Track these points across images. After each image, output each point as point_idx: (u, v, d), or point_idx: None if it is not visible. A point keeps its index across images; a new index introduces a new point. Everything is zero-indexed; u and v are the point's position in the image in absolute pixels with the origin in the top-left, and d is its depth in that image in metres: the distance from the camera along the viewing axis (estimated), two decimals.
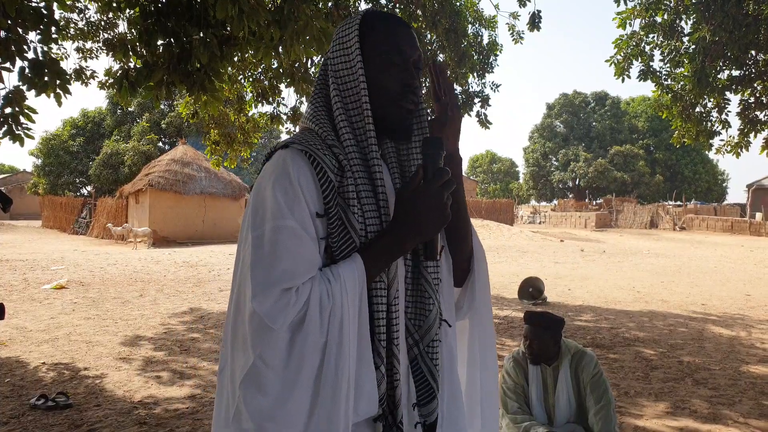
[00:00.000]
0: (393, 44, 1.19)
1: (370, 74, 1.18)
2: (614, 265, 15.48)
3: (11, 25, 4.17)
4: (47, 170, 35.74)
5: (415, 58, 1.21)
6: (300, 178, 1.07)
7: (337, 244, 1.08)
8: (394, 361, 1.11)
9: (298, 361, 0.99)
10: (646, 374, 5.21)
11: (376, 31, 1.20)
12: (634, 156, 49.98)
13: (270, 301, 1.00)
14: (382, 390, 1.08)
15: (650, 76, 8.20)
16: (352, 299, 1.05)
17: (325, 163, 1.09)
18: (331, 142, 1.14)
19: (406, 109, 1.19)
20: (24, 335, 6.52)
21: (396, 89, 1.18)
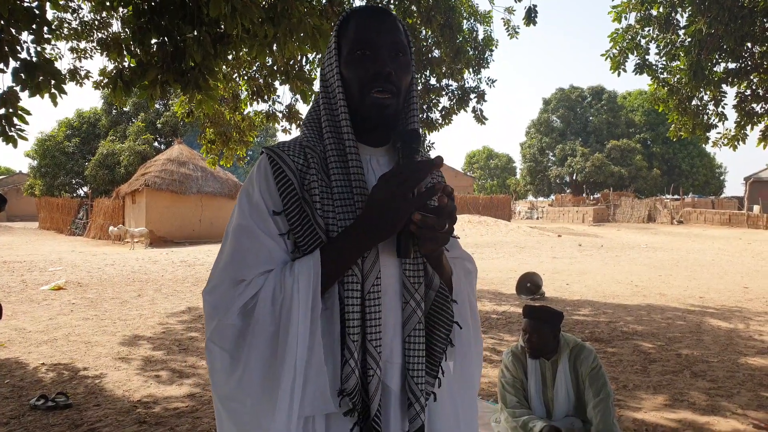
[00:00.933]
0: (360, 35, 1.16)
1: (343, 70, 1.18)
2: (612, 260, 15.51)
3: (3, 26, 4.15)
4: (43, 171, 35.63)
5: (388, 45, 1.16)
6: (260, 182, 1.14)
7: (302, 239, 1.11)
8: (368, 356, 1.09)
9: (248, 347, 1.05)
10: (645, 367, 5.22)
11: (349, 25, 1.19)
12: (631, 150, 50.05)
13: (218, 293, 1.09)
14: (351, 384, 1.07)
15: (646, 69, 8.20)
16: (304, 292, 1.05)
17: (287, 164, 1.14)
18: (306, 143, 1.17)
19: (376, 97, 1.14)
20: (23, 336, 6.51)
21: (363, 80, 1.15)
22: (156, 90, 4.74)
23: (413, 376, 1.14)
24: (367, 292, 1.11)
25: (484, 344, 6.15)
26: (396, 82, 1.15)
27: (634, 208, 39.11)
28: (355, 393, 1.08)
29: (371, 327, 1.10)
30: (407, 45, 1.20)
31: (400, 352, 1.16)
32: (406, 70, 1.18)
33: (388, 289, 1.15)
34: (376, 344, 1.10)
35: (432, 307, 1.19)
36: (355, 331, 1.08)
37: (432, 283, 1.19)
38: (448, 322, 1.20)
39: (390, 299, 1.15)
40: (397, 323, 1.16)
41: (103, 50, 6.98)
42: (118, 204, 25.73)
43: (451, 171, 53.21)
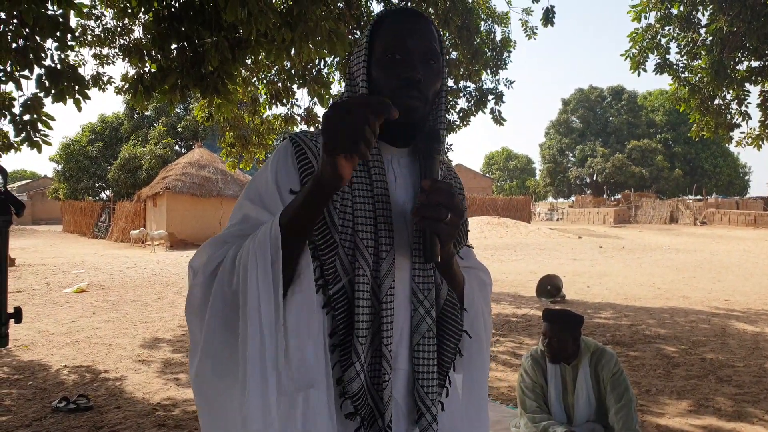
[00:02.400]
0: (393, 38, 1.13)
1: (374, 72, 1.15)
2: (633, 262, 15.30)
3: (29, 34, 4.23)
4: (67, 175, 36.30)
5: (421, 51, 1.13)
6: (279, 161, 1.14)
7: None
8: (383, 361, 1.06)
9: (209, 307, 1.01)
10: (668, 372, 5.13)
11: (383, 27, 1.17)
12: (652, 150, 49.40)
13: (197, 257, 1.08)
14: (354, 387, 1.03)
15: (667, 69, 8.07)
16: (260, 249, 0.96)
17: (309, 148, 1.13)
18: None
19: (404, 104, 1.10)
20: (46, 338, 6.62)
21: (394, 84, 1.12)
22: (176, 94, 4.80)
23: (423, 385, 1.10)
24: (384, 295, 1.08)
25: (503, 348, 6.10)
26: (425, 89, 1.13)
27: (656, 209, 38.54)
28: (359, 397, 1.04)
29: (386, 331, 1.07)
30: (440, 51, 1.18)
31: (407, 359, 1.12)
32: (437, 77, 1.16)
33: (399, 294, 1.12)
34: (390, 348, 1.08)
35: (441, 316, 1.16)
36: (363, 333, 1.05)
37: (440, 291, 1.16)
38: (458, 331, 1.17)
39: (399, 304, 1.12)
40: (404, 330, 1.13)
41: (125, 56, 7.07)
42: (140, 207, 26.08)
43: (470, 172, 53.00)
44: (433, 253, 1.03)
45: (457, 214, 1.01)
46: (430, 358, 1.11)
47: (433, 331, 1.12)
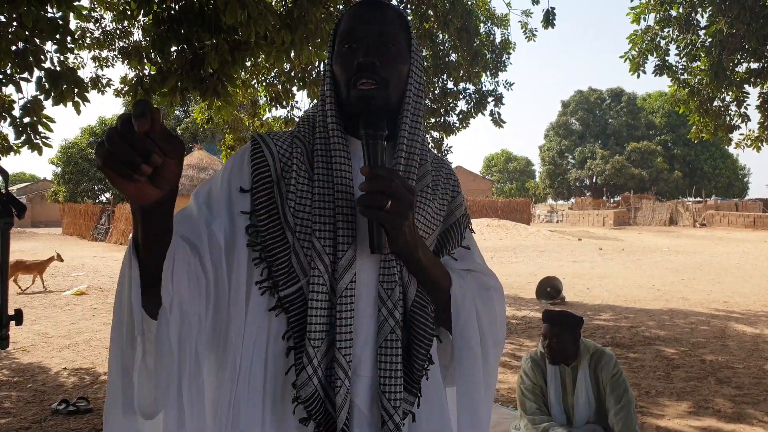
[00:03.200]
0: (347, 28, 1.11)
1: (334, 65, 1.12)
2: (633, 263, 15.30)
3: (28, 36, 4.24)
4: (66, 178, 36.31)
5: (375, 35, 1.09)
6: (236, 159, 1.12)
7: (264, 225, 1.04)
8: (336, 366, 1.01)
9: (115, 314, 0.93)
10: (668, 373, 5.13)
11: (341, 19, 1.15)
12: (651, 152, 49.46)
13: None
14: (307, 391, 0.99)
15: (666, 70, 8.08)
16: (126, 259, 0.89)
17: (269, 148, 1.11)
18: (297, 134, 1.15)
19: (358, 91, 1.06)
20: (45, 341, 6.62)
21: (349, 72, 1.08)
22: (176, 97, 4.80)
23: (386, 392, 1.03)
24: (340, 296, 1.01)
25: (504, 349, 6.09)
26: (383, 72, 1.07)
27: (656, 211, 38.56)
28: (313, 401, 1.00)
29: (341, 335, 1.01)
30: (399, 36, 1.11)
31: (371, 365, 1.05)
32: (398, 61, 1.10)
33: (363, 295, 1.05)
34: (345, 353, 1.01)
35: (410, 319, 1.08)
36: (317, 336, 1.00)
37: (407, 290, 1.09)
38: (428, 336, 1.09)
39: (364, 306, 1.05)
40: (369, 333, 1.06)
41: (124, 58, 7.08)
42: None
43: (469, 174, 53.03)
44: (379, 244, 0.98)
45: (398, 200, 0.94)
46: (394, 362, 1.04)
47: (396, 334, 1.05)
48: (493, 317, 1.18)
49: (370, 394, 1.05)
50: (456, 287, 1.13)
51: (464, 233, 1.25)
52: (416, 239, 1.05)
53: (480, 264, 1.26)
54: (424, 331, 1.08)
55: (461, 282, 1.15)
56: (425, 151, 1.19)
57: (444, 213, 1.20)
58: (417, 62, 1.15)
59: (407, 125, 1.11)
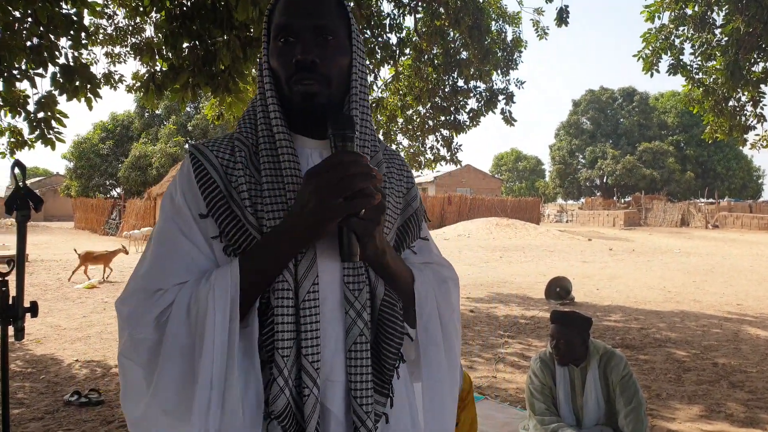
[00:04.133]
0: (281, 20, 1.05)
1: (270, 59, 1.07)
2: (644, 264, 15.19)
3: (43, 32, 4.27)
4: (79, 173, 36.62)
5: (312, 28, 1.03)
6: (182, 183, 1.05)
7: (235, 241, 1.01)
8: (303, 374, 0.97)
9: (161, 363, 0.94)
10: (679, 376, 5.09)
11: (275, 11, 1.08)
12: (663, 152, 49.06)
13: (132, 303, 0.99)
14: (279, 405, 0.95)
15: (680, 70, 8.00)
16: (220, 301, 0.93)
17: (210, 162, 1.04)
18: (238, 135, 1.08)
19: (300, 89, 1.02)
20: (58, 333, 6.68)
21: (288, 70, 1.03)
22: (187, 93, 4.82)
23: (357, 396, 1.00)
24: (302, 300, 0.98)
25: (512, 349, 6.08)
26: (323, 69, 1.03)
27: (667, 212, 38.25)
28: (286, 415, 0.95)
29: (307, 341, 0.98)
30: (337, 26, 1.06)
31: (342, 369, 1.02)
32: (338, 53, 1.05)
33: (328, 298, 1.02)
34: (313, 359, 0.98)
35: (379, 319, 1.06)
36: (285, 344, 0.96)
37: (376, 290, 1.06)
38: (398, 334, 1.06)
39: (330, 309, 1.02)
40: (338, 337, 1.02)
41: (137, 54, 7.13)
42: (150, 205, 26.23)
43: (479, 173, 52.88)
44: (350, 252, 0.95)
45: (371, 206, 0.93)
46: (364, 365, 1.01)
47: (365, 336, 1.02)
48: (452, 309, 1.17)
49: (344, 399, 1.02)
50: (419, 283, 1.11)
51: (422, 224, 1.24)
52: (384, 243, 1.03)
53: (437, 255, 1.25)
54: (393, 329, 1.06)
55: (422, 277, 1.13)
56: (376, 142, 1.15)
57: (401, 206, 1.19)
58: (359, 51, 1.10)
59: (357, 119, 1.07)
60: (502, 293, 10.11)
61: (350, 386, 1.01)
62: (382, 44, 8.31)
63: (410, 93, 9.57)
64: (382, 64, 8.62)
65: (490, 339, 6.54)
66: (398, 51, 8.77)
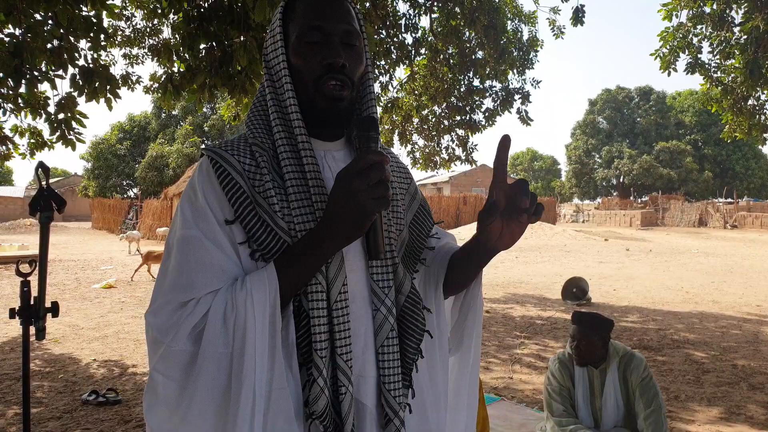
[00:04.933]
0: (310, 21, 1.05)
1: (291, 58, 1.07)
2: (661, 265, 15.02)
3: (63, 34, 4.33)
4: (96, 173, 37.09)
5: (341, 32, 1.05)
6: (205, 187, 1.02)
7: (266, 246, 0.99)
8: (338, 372, 0.99)
9: (196, 374, 0.93)
10: (698, 378, 5.02)
11: (296, 9, 1.08)
12: (681, 152, 48.45)
13: (164, 315, 0.96)
14: (320, 405, 0.96)
15: (698, 68, 7.90)
16: (260, 307, 0.93)
17: (233, 166, 1.02)
18: (253, 140, 1.06)
19: (328, 92, 1.04)
20: (76, 333, 6.76)
21: (315, 71, 1.04)
22: (204, 94, 4.85)
23: (390, 389, 1.03)
24: (334, 301, 0.99)
25: (528, 350, 6.04)
26: (349, 73, 1.05)
27: (685, 212, 37.79)
28: (326, 415, 0.96)
29: (340, 339, 0.99)
30: (360, 32, 1.10)
31: (374, 364, 1.04)
32: (360, 59, 1.08)
33: (356, 297, 1.04)
34: (347, 358, 0.99)
35: (402, 314, 1.08)
36: (323, 345, 0.97)
37: (402, 288, 1.08)
38: (420, 330, 1.09)
39: (359, 307, 1.04)
40: (368, 333, 1.05)
41: (154, 56, 7.18)
42: (167, 205, 26.48)
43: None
44: (378, 250, 0.97)
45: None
46: (395, 359, 1.05)
47: (395, 331, 1.06)
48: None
49: (375, 393, 1.04)
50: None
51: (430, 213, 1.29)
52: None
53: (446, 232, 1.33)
54: (415, 326, 1.09)
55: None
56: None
57: (406, 202, 1.23)
58: (370, 58, 1.13)
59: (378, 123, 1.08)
60: (518, 294, 10.06)
61: (381, 380, 1.04)
62: (397, 44, 8.31)
63: (426, 93, 9.56)
64: (398, 64, 8.62)
65: (506, 340, 6.50)
66: (414, 51, 8.76)
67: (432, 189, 47.86)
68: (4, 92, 5.18)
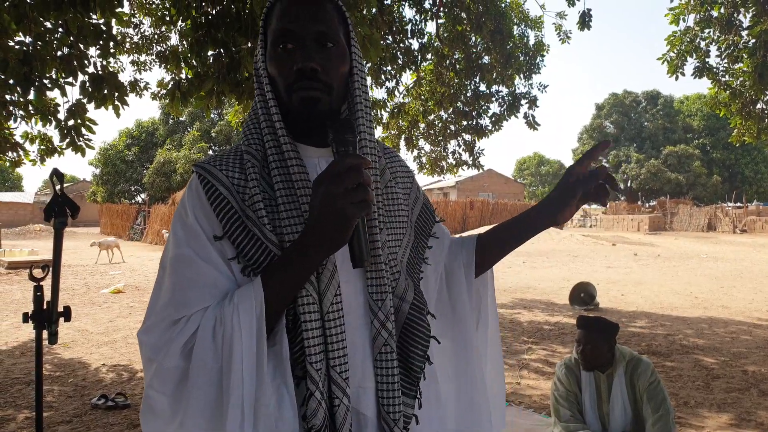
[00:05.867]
0: (281, 26, 1.02)
1: (267, 66, 1.05)
2: (669, 270, 14.93)
3: (73, 42, 4.38)
4: (105, 179, 37.32)
5: (313, 34, 1.01)
6: (194, 205, 1.02)
7: (255, 261, 0.98)
8: (332, 385, 0.97)
9: (189, 389, 0.93)
10: (707, 384, 4.99)
11: (271, 14, 1.06)
12: (689, 156, 48.20)
13: (156, 333, 0.97)
14: (318, 420, 0.95)
15: (706, 72, 7.89)
16: (246, 321, 0.92)
17: (220, 181, 1.02)
18: (246, 148, 1.05)
19: (302, 96, 1.01)
20: (85, 337, 6.81)
21: (288, 78, 1.01)
22: (212, 100, 4.89)
23: (385, 404, 1.01)
24: (327, 312, 0.97)
25: (536, 356, 6.02)
26: (324, 77, 1.01)
27: (693, 217, 37.56)
28: (324, 428, 0.95)
29: (333, 351, 0.97)
30: (337, 32, 1.04)
31: (373, 375, 1.03)
32: (339, 60, 1.04)
33: (352, 306, 1.02)
34: (341, 370, 0.98)
35: (406, 322, 1.06)
36: (317, 358, 0.96)
37: (405, 295, 1.06)
38: (425, 338, 1.06)
39: (355, 318, 1.03)
40: (366, 344, 1.03)
41: (162, 62, 7.25)
42: (174, 210, 26.59)
43: (501, 177, 52.57)
44: (362, 257, 0.93)
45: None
46: (391, 374, 1.02)
47: (390, 346, 1.02)
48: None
49: (376, 403, 1.03)
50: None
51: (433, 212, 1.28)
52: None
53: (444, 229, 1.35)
54: (420, 334, 1.06)
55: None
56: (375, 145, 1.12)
57: (410, 202, 1.22)
58: (358, 56, 1.09)
59: (364, 126, 1.06)
60: (525, 299, 10.02)
61: (378, 394, 1.02)
62: (404, 50, 8.34)
63: (432, 98, 9.58)
64: (404, 70, 8.65)
65: (513, 345, 6.48)
66: (420, 56, 8.79)
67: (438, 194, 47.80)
68: (15, 99, 5.24)
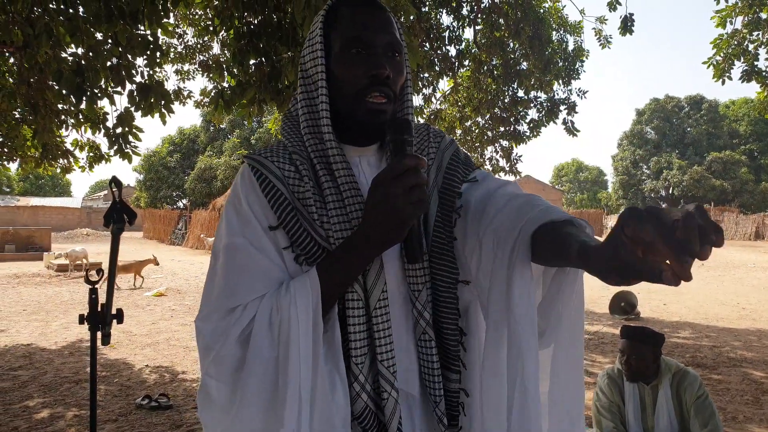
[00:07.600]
0: (355, 31, 1.03)
1: (334, 68, 1.05)
2: (714, 279, 14.45)
3: (122, 53, 4.54)
4: (148, 185, 38.42)
5: (384, 44, 1.03)
6: (248, 194, 1.04)
7: (309, 251, 1.01)
8: (381, 379, 0.99)
9: (245, 377, 0.96)
10: (757, 398, 4.81)
11: (340, 19, 1.06)
12: (735, 162, 46.61)
13: (213, 321, 0.99)
14: (358, 408, 0.98)
15: (755, 76, 7.63)
16: (303, 311, 0.95)
17: (273, 173, 1.04)
18: (293, 148, 1.07)
19: (373, 104, 1.02)
20: (130, 339, 7.00)
21: (360, 82, 1.02)
22: (254, 108, 4.99)
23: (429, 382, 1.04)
24: (374, 308, 1.00)
25: None
26: (393, 85, 1.04)
27: (739, 225, 36.27)
28: (365, 416, 0.99)
29: (381, 347, 0.99)
30: (402, 43, 1.08)
31: (416, 357, 1.06)
32: (402, 71, 1.07)
33: (395, 298, 1.05)
34: (388, 364, 1.00)
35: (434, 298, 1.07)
36: (359, 353, 0.99)
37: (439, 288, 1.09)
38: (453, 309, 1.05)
39: (399, 309, 1.05)
40: (409, 330, 1.06)
41: (205, 71, 7.46)
42: (215, 216, 27.15)
43: (539, 184, 51.87)
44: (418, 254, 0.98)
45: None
46: (431, 360, 1.04)
47: (428, 335, 1.04)
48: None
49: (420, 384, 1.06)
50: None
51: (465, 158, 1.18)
52: None
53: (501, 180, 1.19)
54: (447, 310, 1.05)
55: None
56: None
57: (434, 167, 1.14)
58: (408, 66, 1.11)
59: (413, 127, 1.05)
60: None
61: (422, 375, 1.05)
62: (441, 56, 8.34)
63: (469, 104, 9.55)
64: (441, 76, 8.65)
65: None
66: (457, 63, 8.78)
67: None
68: (67, 108, 5.46)
